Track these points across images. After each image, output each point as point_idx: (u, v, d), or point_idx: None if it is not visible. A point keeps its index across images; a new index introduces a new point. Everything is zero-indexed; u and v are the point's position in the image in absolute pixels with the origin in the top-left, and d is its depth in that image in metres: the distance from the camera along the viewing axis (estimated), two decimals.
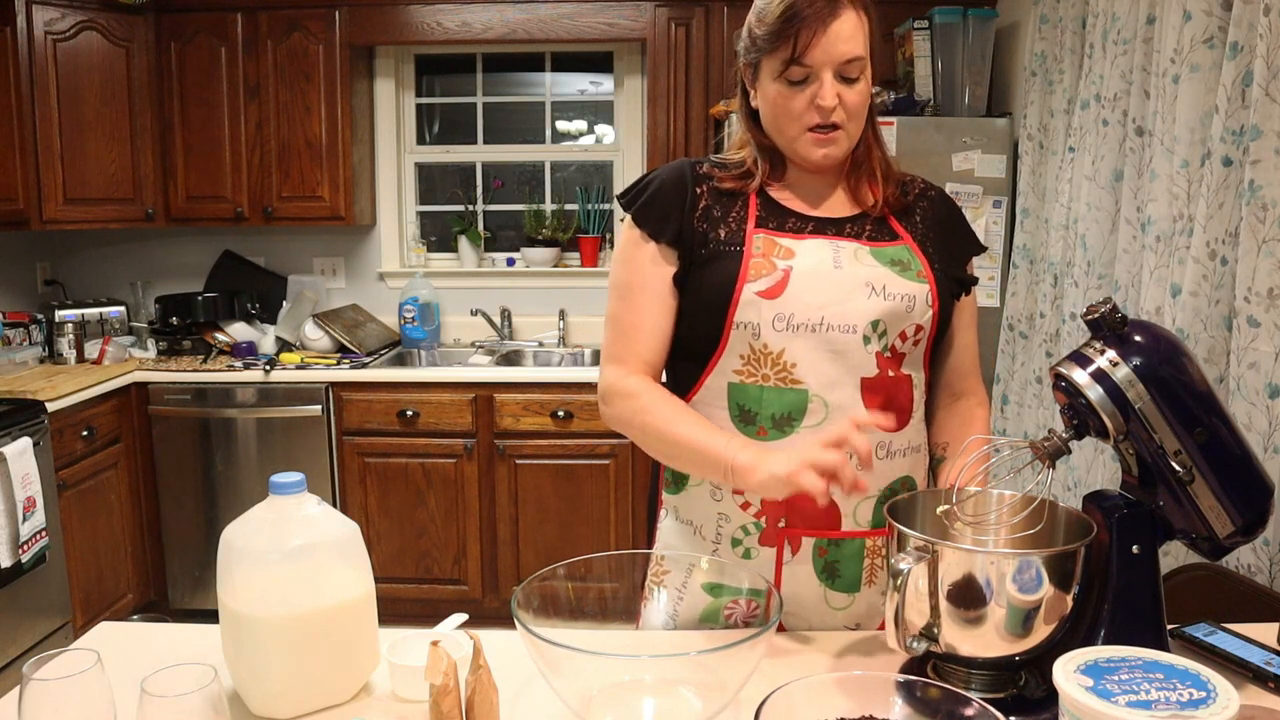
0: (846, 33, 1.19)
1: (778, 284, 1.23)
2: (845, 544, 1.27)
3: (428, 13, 3.61)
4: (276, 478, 1.07)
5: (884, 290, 1.24)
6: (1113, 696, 0.80)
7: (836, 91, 1.21)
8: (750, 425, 1.25)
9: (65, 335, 3.56)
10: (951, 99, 3.19)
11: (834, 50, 1.19)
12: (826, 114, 1.22)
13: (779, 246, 1.26)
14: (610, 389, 1.30)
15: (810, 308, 1.22)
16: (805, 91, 1.22)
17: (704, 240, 1.28)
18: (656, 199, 1.31)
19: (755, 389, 1.25)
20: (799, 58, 1.20)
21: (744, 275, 1.24)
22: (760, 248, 1.25)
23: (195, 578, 3.53)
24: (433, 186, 4.12)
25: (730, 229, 1.28)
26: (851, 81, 1.22)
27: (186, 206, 3.67)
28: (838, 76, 1.21)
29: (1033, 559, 0.98)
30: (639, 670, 1.01)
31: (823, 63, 1.20)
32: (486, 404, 3.40)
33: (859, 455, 1.08)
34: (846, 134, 1.25)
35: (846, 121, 1.24)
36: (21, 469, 2.70)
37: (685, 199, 1.30)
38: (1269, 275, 1.71)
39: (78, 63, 3.42)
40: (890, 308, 1.24)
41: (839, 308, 1.23)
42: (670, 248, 1.29)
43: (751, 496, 1.27)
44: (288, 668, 1.05)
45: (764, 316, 1.23)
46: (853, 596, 1.29)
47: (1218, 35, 1.90)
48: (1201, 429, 1.00)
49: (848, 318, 1.23)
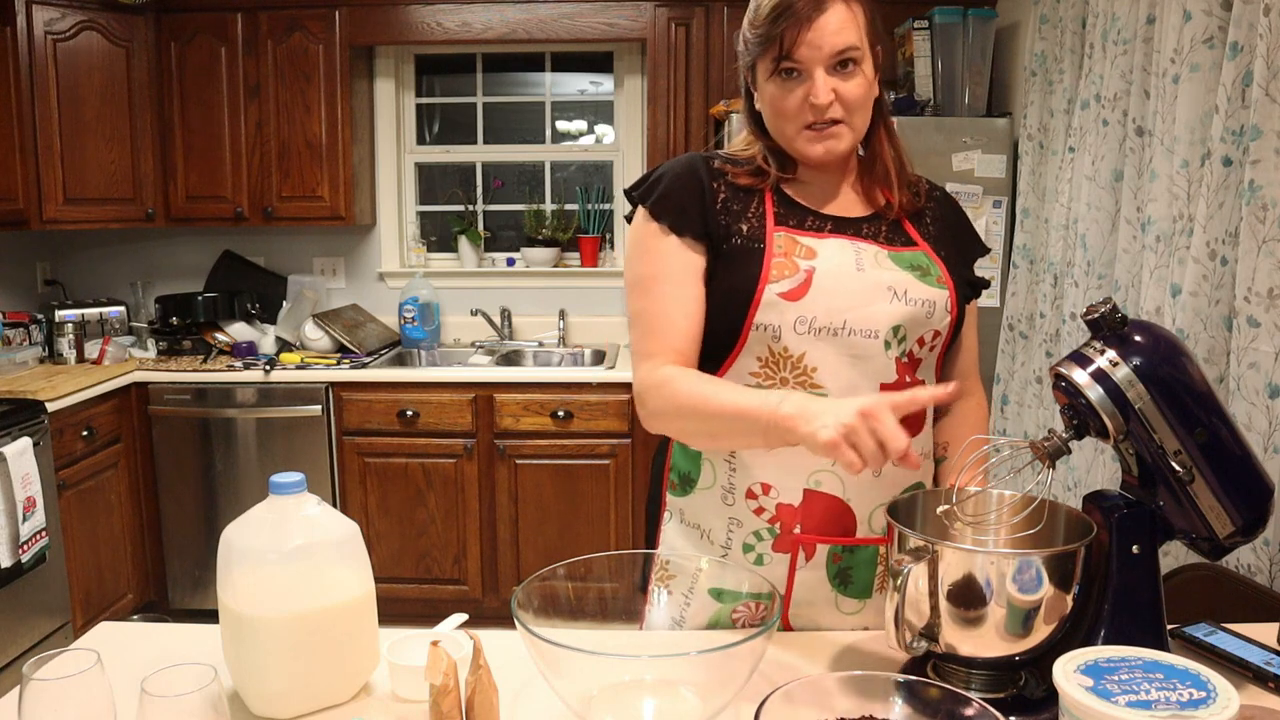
0: (835, 25, 1.17)
1: (800, 285, 1.21)
2: (860, 550, 1.27)
3: (428, 13, 3.61)
4: (276, 478, 1.07)
5: (905, 295, 1.22)
6: (1113, 696, 0.80)
7: (832, 86, 1.19)
8: None
9: (65, 335, 3.56)
10: (951, 99, 3.19)
11: (823, 44, 1.17)
12: (820, 111, 1.20)
13: (800, 245, 1.23)
14: (643, 386, 1.24)
15: (833, 311, 1.20)
16: (799, 89, 1.20)
17: (728, 234, 1.25)
18: (673, 191, 1.27)
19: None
20: (788, 55, 1.18)
21: (765, 275, 1.21)
22: (782, 246, 1.23)
23: (195, 578, 3.53)
24: (433, 186, 4.12)
25: (751, 224, 1.25)
26: (848, 74, 1.20)
27: (186, 206, 3.67)
28: (832, 70, 1.19)
29: (1033, 559, 0.98)
30: (639, 670, 1.01)
31: (812, 59, 1.18)
32: (486, 404, 3.40)
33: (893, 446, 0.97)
34: (849, 128, 1.22)
35: (847, 115, 1.21)
36: (21, 469, 2.70)
37: (703, 191, 1.27)
38: (1269, 275, 1.71)
39: (78, 63, 3.42)
40: (911, 313, 1.22)
41: (861, 311, 1.21)
42: (697, 240, 1.25)
43: (766, 501, 1.25)
44: (288, 668, 1.05)
45: (786, 319, 1.21)
46: (864, 602, 1.29)
47: (1218, 35, 1.90)
48: (1201, 429, 1.00)
49: (870, 322, 1.21)
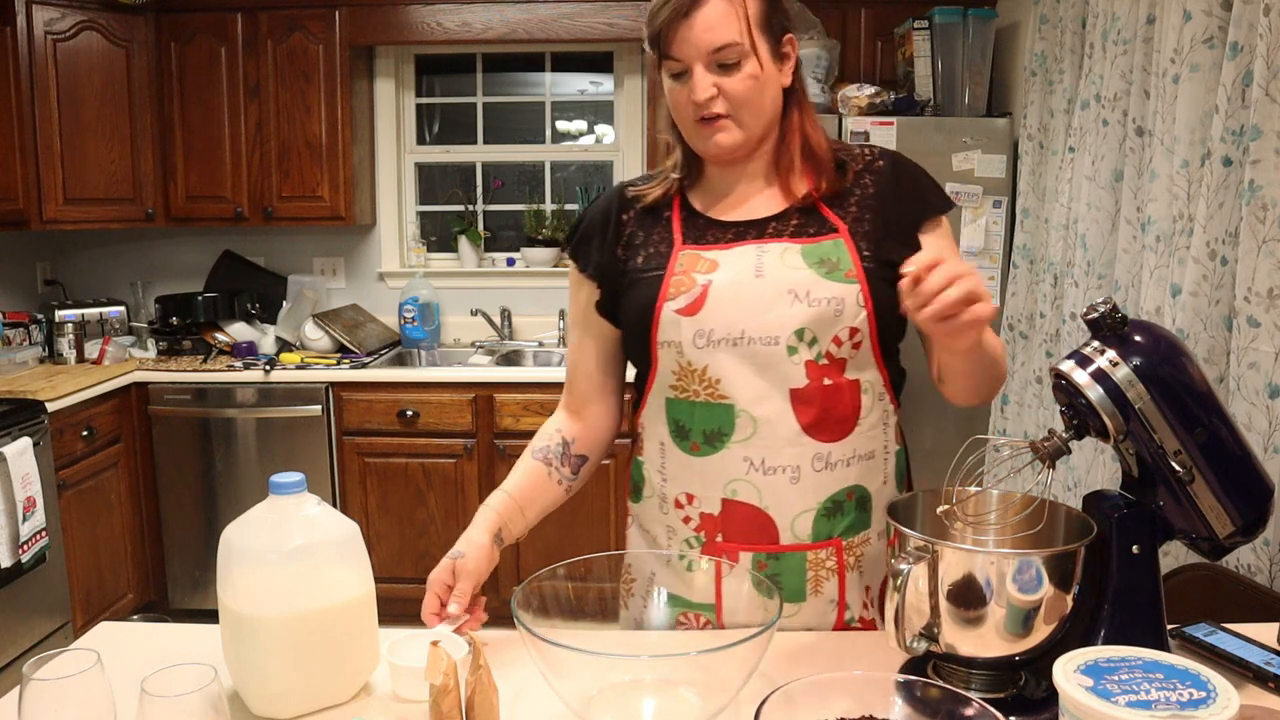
0: (711, 21, 1.17)
1: (696, 300, 1.21)
2: (785, 557, 1.24)
3: (428, 13, 3.60)
4: (276, 478, 1.07)
5: (808, 296, 1.19)
6: (1113, 696, 0.80)
7: (714, 81, 1.19)
8: (685, 440, 1.25)
9: (65, 335, 3.57)
10: (951, 99, 3.19)
11: (698, 41, 1.17)
12: (700, 107, 1.20)
13: (702, 260, 1.24)
14: None
15: (729, 322, 1.20)
16: (686, 85, 1.21)
17: (624, 269, 1.29)
18: (587, 232, 1.35)
19: (687, 404, 1.24)
20: (666, 53, 1.20)
21: (664, 294, 1.23)
22: (684, 264, 1.25)
23: (195, 578, 3.53)
24: (433, 186, 4.12)
25: (651, 252, 1.28)
26: (730, 69, 1.19)
27: (186, 206, 3.67)
28: (713, 66, 1.19)
29: (1033, 559, 0.98)
30: (639, 670, 1.01)
31: (690, 55, 1.19)
32: (486, 404, 3.40)
33: None
34: (736, 123, 1.22)
35: (733, 110, 1.21)
36: (21, 469, 2.70)
37: (609, 229, 1.32)
38: (1269, 275, 1.71)
39: (78, 63, 3.42)
40: (816, 314, 1.19)
41: (760, 319, 1.20)
42: (591, 279, 1.33)
43: (691, 510, 1.26)
44: (288, 668, 1.05)
45: (684, 334, 1.22)
46: (799, 605, 1.25)
47: (1218, 35, 1.90)
48: (1201, 429, 1.00)
49: (769, 329, 1.20)
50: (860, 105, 3.16)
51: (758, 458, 1.21)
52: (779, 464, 1.21)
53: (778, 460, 1.21)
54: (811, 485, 1.22)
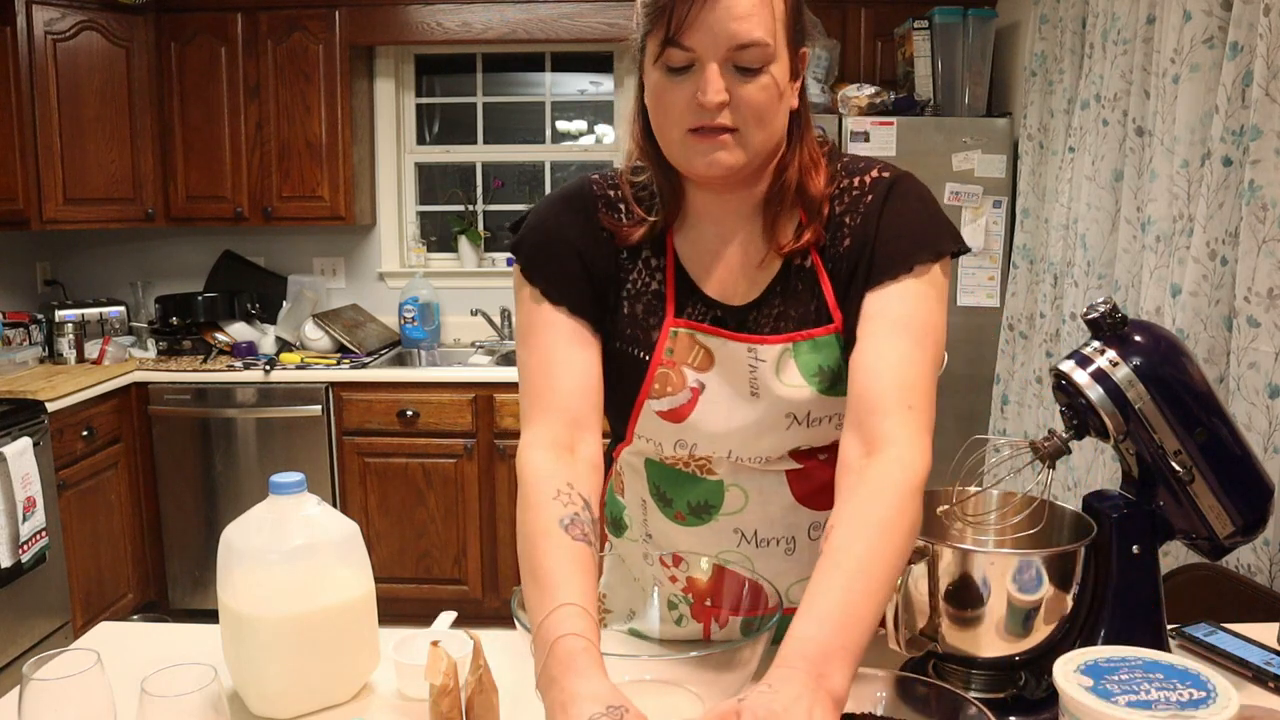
0: (742, 10, 0.91)
1: (682, 408, 1.07)
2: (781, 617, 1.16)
3: (428, 13, 3.60)
4: (276, 478, 1.07)
5: (808, 418, 1.06)
6: (1113, 696, 0.80)
7: (726, 85, 0.93)
8: (668, 508, 1.15)
9: (65, 335, 3.56)
10: (951, 99, 3.19)
11: (721, 30, 0.91)
12: (708, 113, 0.94)
13: (697, 349, 1.06)
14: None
15: (716, 440, 1.07)
16: (687, 83, 0.94)
17: (611, 317, 1.08)
18: (553, 250, 1.07)
19: (671, 471, 1.13)
20: (676, 37, 0.92)
21: (647, 388, 1.07)
22: (674, 350, 1.06)
23: (195, 578, 3.53)
24: (433, 186, 4.12)
25: (639, 311, 1.07)
26: (751, 74, 0.94)
27: (186, 206, 3.67)
28: (729, 66, 0.93)
29: (1033, 559, 0.98)
30: (639, 670, 1.01)
31: (706, 46, 0.92)
32: (486, 404, 3.40)
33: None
34: (741, 141, 0.96)
35: (742, 125, 0.95)
36: (21, 469, 2.70)
37: (587, 257, 1.06)
38: (1269, 275, 1.71)
39: (78, 63, 3.42)
40: (814, 433, 1.08)
41: (752, 445, 1.08)
42: (574, 317, 1.05)
43: (679, 573, 1.14)
44: (288, 668, 1.05)
45: (665, 436, 1.10)
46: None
47: (1218, 35, 1.90)
48: (1201, 429, 1.00)
49: (761, 451, 1.08)
50: (860, 105, 3.16)
51: (749, 530, 1.13)
52: (773, 535, 1.13)
53: (771, 533, 1.13)
54: (808, 555, 1.13)
